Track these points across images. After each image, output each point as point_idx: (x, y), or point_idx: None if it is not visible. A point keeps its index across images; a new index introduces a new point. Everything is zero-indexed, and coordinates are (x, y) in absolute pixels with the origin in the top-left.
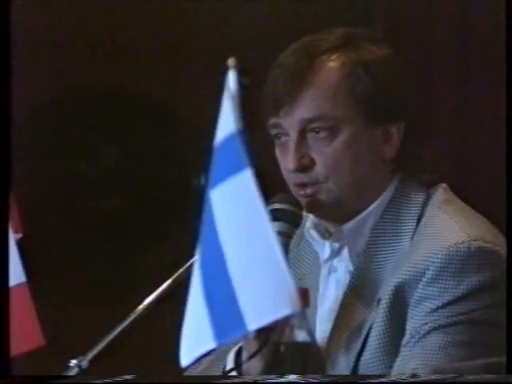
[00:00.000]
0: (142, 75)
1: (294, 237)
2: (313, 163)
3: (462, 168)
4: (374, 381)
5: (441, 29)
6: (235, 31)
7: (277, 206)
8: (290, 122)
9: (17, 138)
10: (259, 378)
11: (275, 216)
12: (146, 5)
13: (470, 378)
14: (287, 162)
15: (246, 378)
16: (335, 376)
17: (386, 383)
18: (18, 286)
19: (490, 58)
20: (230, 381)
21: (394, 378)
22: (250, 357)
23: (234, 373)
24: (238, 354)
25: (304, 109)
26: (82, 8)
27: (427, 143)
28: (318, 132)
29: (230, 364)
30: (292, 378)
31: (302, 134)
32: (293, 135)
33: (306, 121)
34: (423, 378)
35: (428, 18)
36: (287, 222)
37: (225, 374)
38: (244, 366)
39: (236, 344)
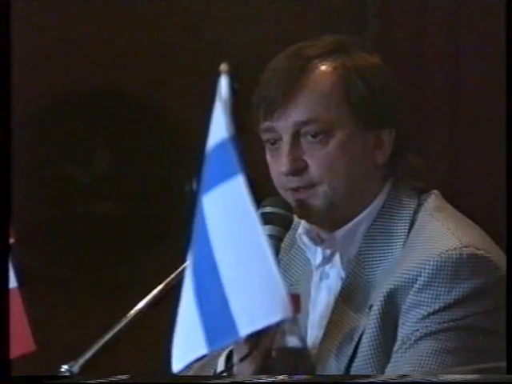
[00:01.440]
0: (134, 80)
1: (286, 243)
2: (306, 166)
3: (454, 175)
4: (362, 381)
5: (433, 34)
6: (227, 36)
7: (268, 209)
8: (283, 125)
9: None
10: (248, 379)
11: (266, 219)
12: (139, 9)
13: (468, 378)
14: (280, 164)
15: (237, 378)
16: (323, 376)
17: (374, 383)
18: (9, 290)
19: (482, 64)
20: (221, 381)
21: (382, 378)
22: (241, 360)
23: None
24: (229, 357)
25: (298, 112)
26: (75, 12)
27: (419, 150)
28: (311, 135)
29: (220, 367)
30: (281, 378)
31: (296, 137)
32: (286, 138)
33: (300, 124)
34: (415, 378)
35: (420, 23)
36: (278, 225)
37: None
38: (235, 369)
39: (227, 348)
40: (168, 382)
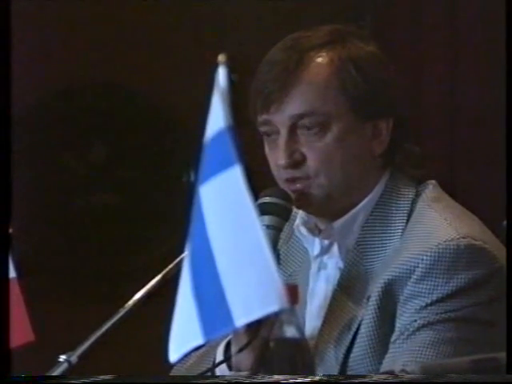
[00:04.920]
0: (132, 72)
1: (284, 234)
2: (303, 159)
3: (452, 164)
4: (355, 381)
5: (431, 24)
6: (225, 28)
7: (267, 199)
8: (280, 119)
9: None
10: (243, 378)
11: (265, 210)
12: (137, 4)
13: (468, 377)
14: (278, 158)
15: (226, 378)
16: (316, 376)
17: (366, 383)
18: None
19: (481, 53)
20: (212, 380)
21: (375, 379)
22: (240, 350)
23: (223, 365)
24: (227, 347)
25: (294, 105)
26: (77, 6)
27: (417, 139)
28: (308, 128)
29: (219, 358)
30: (275, 377)
31: (293, 129)
32: (283, 131)
33: (297, 117)
34: (411, 377)
35: (418, 12)
36: (277, 215)
37: (214, 367)
38: (233, 360)
39: (225, 338)
40: (152, 382)
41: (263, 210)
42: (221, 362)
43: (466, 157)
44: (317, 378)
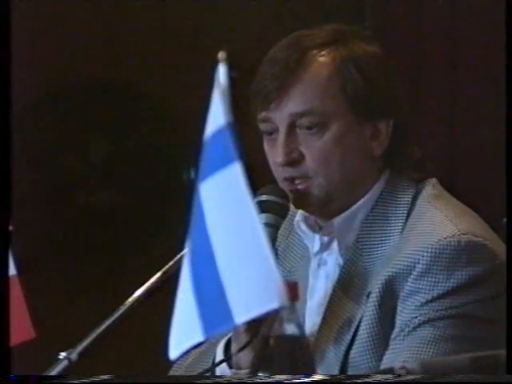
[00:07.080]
0: (132, 70)
1: (284, 230)
2: (302, 157)
3: (452, 166)
4: (358, 381)
5: (430, 26)
6: (226, 26)
7: (264, 197)
8: (279, 116)
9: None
10: (240, 378)
11: (262, 207)
12: (137, 3)
13: (464, 377)
14: (276, 155)
15: (228, 378)
16: (318, 376)
17: (370, 383)
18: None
19: (480, 56)
20: (213, 380)
21: (378, 379)
22: (240, 349)
23: (224, 364)
24: (227, 345)
25: (294, 103)
26: (77, 4)
27: (416, 141)
28: (307, 127)
29: (219, 356)
30: (277, 377)
31: (292, 128)
32: (282, 129)
33: (296, 115)
34: (414, 377)
35: (417, 15)
36: (274, 213)
37: (214, 366)
38: (234, 359)
39: (225, 335)
40: (152, 382)
41: (260, 208)
42: (221, 362)
43: (465, 155)
44: (319, 378)
